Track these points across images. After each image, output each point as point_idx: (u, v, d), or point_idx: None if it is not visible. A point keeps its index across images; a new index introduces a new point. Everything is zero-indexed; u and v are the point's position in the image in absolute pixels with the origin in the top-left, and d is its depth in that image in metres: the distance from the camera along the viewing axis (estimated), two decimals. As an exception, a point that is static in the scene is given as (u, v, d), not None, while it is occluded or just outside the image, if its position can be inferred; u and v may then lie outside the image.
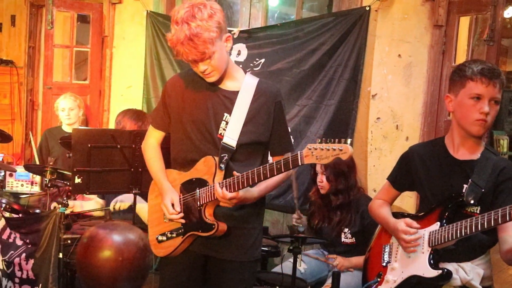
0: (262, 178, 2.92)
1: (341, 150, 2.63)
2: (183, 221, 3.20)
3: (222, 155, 3.10)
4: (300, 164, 2.78)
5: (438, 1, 4.92)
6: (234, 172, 3.00)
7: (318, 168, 4.62)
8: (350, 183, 4.57)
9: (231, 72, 3.21)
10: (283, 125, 3.28)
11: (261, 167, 2.92)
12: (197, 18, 2.93)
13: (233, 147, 3.11)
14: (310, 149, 2.71)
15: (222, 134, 3.13)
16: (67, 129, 6.23)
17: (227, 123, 3.13)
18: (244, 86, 3.19)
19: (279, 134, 3.25)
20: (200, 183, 3.15)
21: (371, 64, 5.27)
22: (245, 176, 2.95)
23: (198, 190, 3.15)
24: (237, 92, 3.18)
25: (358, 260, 4.34)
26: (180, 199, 3.23)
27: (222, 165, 3.09)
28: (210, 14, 2.96)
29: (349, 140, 2.65)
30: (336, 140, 2.66)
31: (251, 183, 2.96)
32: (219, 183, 3.03)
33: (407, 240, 3.13)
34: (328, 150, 2.66)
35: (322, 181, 4.59)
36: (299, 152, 2.77)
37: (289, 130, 3.41)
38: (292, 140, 3.38)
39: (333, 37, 5.36)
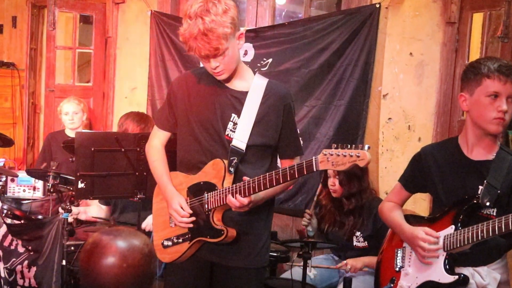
0: (274, 184, 2.89)
1: (358, 156, 2.59)
2: (191, 225, 3.18)
3: (231, 159, 3.08)
4: (315, 170, 2.74)
5: (450, -2, 4.91)
6: (244, 178, 2.97)
7: (330, 171, 4.58)
8: (363, 186, 4.54)
9: (241, 72, 3.19)
10: (292, 127, 3.25)
11: (273, 172, 2.89)
12: (211, 13, 2.90)
13: (243, 150, 3.08)
14: (325, 154, 2.68)
15: (229, 135, 3.11)
16: (70, 133, 6.20)
17: (234, 123, 3.11)
18: (253, 86, 3.17)
19: (288, 137, 3.22)
20: (209, 187, 3.12)
21: (382, 63, 5.26)
22: (257, 182, 2.92)
23: (206, 194, 3.12)
24: (246, 92, 3.15)
25: (371, 259, 4.30)
26: (187, 203, 3.20)
27: (232, 169, 3.07)
28: (224, 9, 2.94)
29: (366, 146, 2.61)
30: (353, 146, 2.63)
31: (263, 189, 2.93)
32: (229, 188, 3.01)
33: (426, 249, 3.10)
34: (345, 156, 2.62)
35: (334, 184, 4.55)
36: (314, 157, 2.73)
37: (299, 133, 3.39)
38: (301, 142, 3.35)
39: (342, 35, 5.35)
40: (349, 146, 2.63)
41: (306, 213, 4.69)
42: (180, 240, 3.23)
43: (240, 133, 3.09)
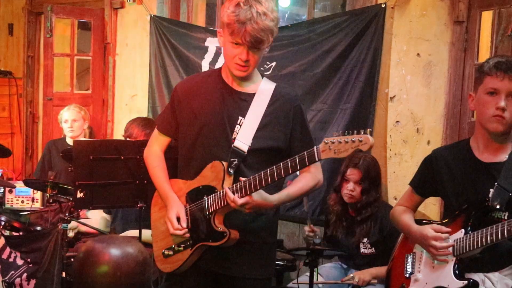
0: (276, 179, 2.87)
1: (360, 141, 2.59)
2: (188, 235, 3.16)
3: (231, 160, 3.06)
4: (317, 159, 2.74)
5: (458, -4, 4.89)
6: (240, 178, 2.95)
7: (351, 175, 4.50)
8: (378, 194, 4.51)
9: (251, 74, 3.18)
10: (304, 129, 3.24)
11: (274, 166, 2.87)
12: (263, 6, 2.94)
13: (244, 152, 3.07)
14: (327, 143, 2.67)
15: (235, 138, 3.10)
16: (71, 142, 6.18)
17: (241, 126, 3.11)
18: (261, 89, 3.17)
19: (300, 138, 3.19)
20: (208, 190, 3.11)
21: (389, 65, 5.23)
22: (258, 178, 2.89)
23: (206, 198, 3.10)
24: (253, 94, 3.16)
25: (379, 270, 4.26)
26: (186, 210, 3.19)
27: (231, 170, 3.05)
28: (273, 8, 3.00)
29: (368, 130, 2.61)
30: (355, 131, 2.63)
31: (264, 185, 2.90)
32: (229, 188, 2.97)
33: (438, 247, 3.08)
34: (347, 142, 2.62)
35: (354, 190, 4.47)
36: (315, 147, 2.74)
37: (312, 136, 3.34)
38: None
39: (347, 37, 5.33)
40: (351, 132, 2.62)
41: (306, 230, 4.59)
42: (181, 248, 3.20)
43: (243, 135, 3.09)
